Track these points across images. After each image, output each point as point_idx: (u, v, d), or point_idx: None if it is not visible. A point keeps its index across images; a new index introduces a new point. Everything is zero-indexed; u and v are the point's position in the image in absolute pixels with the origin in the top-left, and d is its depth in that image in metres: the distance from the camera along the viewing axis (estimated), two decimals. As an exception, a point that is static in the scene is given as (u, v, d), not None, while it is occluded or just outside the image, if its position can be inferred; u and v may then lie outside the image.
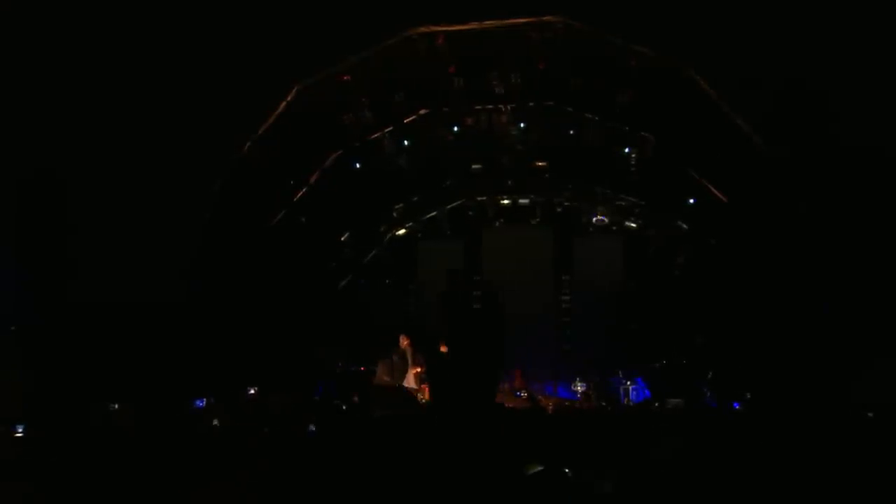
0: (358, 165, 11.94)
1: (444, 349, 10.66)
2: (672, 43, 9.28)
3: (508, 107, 11.36)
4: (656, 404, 9.15)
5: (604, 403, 10.79)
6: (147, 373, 9.03)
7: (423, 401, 9.69)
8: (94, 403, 7.41)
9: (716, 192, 10.74)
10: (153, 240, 10.20)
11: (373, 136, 11.56)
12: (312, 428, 4.61)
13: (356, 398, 9.67)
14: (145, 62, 9.68)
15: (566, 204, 13.35)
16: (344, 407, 7.91)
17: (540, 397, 11.20)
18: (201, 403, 7.24)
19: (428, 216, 13.75)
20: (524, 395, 11.23)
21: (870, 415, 6.12)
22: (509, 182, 13.12)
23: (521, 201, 13.44)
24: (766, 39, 8.83)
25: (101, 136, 9.74)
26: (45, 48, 9.29)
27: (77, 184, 9.82)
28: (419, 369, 10.72)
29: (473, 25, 9.67)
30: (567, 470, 3.91)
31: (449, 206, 13.63)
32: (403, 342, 10.92)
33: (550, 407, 10.38)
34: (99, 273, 9.94)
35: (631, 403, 11.30)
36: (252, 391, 9.02)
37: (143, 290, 10.06)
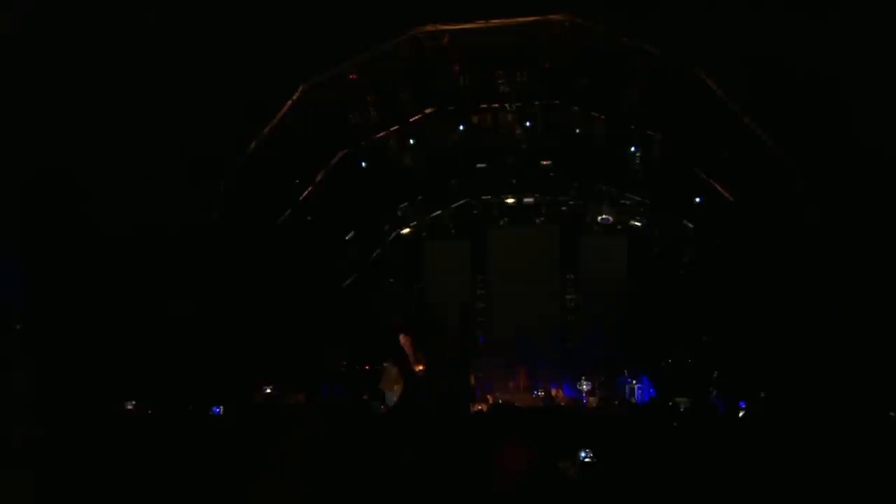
0: (363, 164, 11.95)
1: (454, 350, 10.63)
2: (679, 42, 9.25)
3: (514, 106, 11.37)
4: (669, 404, 9.15)
5: (616, 402, 10.79)
6: (152, 373, 9.04)
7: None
8: (102, 404, 7.41)
9: (722, 191, 10.72)
10: (158, 240, 10.20)
11: (378, 136, 11.57)
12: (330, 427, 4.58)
13: (364, 397, 9.66)
14: (150, 61, 9.66)
15: (571, 203, 13.35)
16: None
17: (556, 394, 11.19)
18: (218, 410, 7.24)
19: (433, 215, 13.75)
20: (541, 393, 11.24)
21: (892, 414, 6.11)
22: (514, 181, 13.12)
23: (526, 200, 13.45)
24: (774, 38, 8.81)
25: (106, 136, 9.73)
26: (48, 47, 9.29)
27: (81, 184, 9.81)
28: (420, 367, 10.70)
29: (479, 24, 9.67)
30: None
31: (454, 205, 13.63)
32: (404, 342, 10.86)
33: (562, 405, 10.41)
34: (104, 273, 9.93)
35: (635, 402, 11.30)
36: (268, 390, 9.01)
37: (148, 290, 10.06)
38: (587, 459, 4.25)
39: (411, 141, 11.87)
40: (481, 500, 2.90)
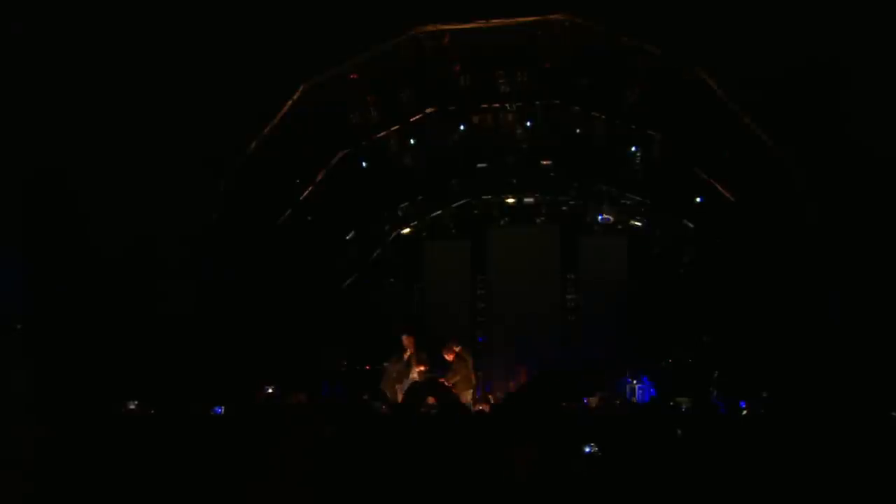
0: (364, 164, 11.95)
1: (450, 357, 10.61)
2: (680, 41, 9.27)
3: (514, 106, 11.37)
4: (671, 404, 9.15)
5: (617, 402, 10.77)
6: (153, 373, 9.04)
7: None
8: (103, 404, 7.41)
9: (723, 191, 10.73)
10: (159, 240, 10.21)
11: (379, 136, 11.57)
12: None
13: (365, 397, 9.66)
14: (151, 61, 9.68)
15: (571, 203, 13.33)
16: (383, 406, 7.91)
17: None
18: (219, 410, 7.25)
19: (433, 215, 13.73)
20: None
21: (894, 414, 6.12)
22: (514, 181, 13.11)
23: (527, 200, 13.42)
24: (775, 37, 8.82)
25: (106, 136, 9.74)
26: (50, 46, 9.29)
27: (81, 184, 9.82)
28: (423, 367, 10.69)
29: (479, 24, 9.69)
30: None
31: (454, 205, 13.61)
32: (407, 342, 10.83)
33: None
34: (105, 272, 9.94)
35: (636, 402, 11.28)
36: (270, 390, 9.01)
37: (148, 289, 10.06)
38: (592, 452, 4.28)
39: (412, 141, 11.87)
40: (484, 499, 2.91)
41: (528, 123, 11.64)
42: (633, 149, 11.44)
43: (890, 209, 8.68)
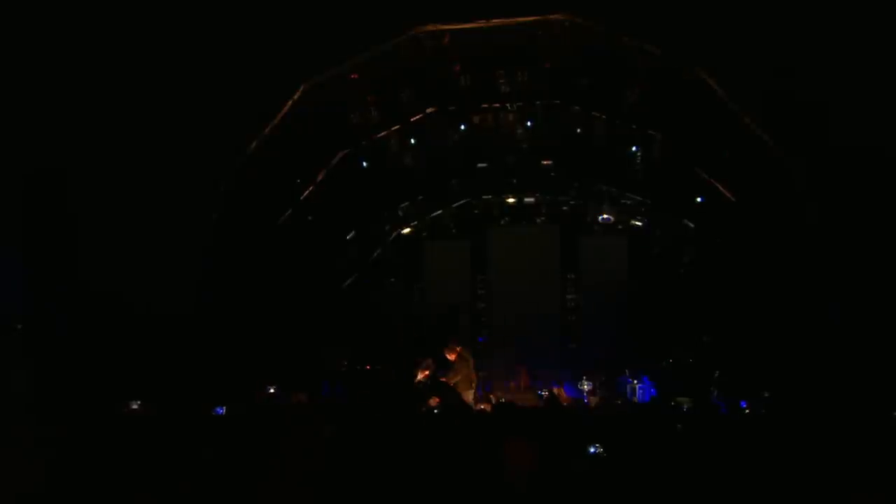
0: (364, 164, 11.96)
1: (451, 356, 10.54)
2: (680, 41, 9.27)
3: (515, 105, 11.37)
4: (671, 404, 9.15)
5: (619, 402, 10.79)
6: (153, 374, 9.04)
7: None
8: (103, 404, 7.42)
9: (723, 191, 10.73)
10: (159, 240, 10.20)
11: (379, 135, 11.57)
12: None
13: (365, 398, 9.64)
14: (151, 61, 9.67)
15: (572, 203, 13.34)
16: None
17: (558, 392, 11.12)
18: (221, 410, 7.27)
19: (433, 215, 13.74)
20: (546, 393, 11.21)
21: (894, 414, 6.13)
22: (515, 181, 13.12)
23: (527, 200, 13.44)
24: (774, 37, 8.82)
25: (105, 136, 9.74)
26: (51, 46, 9.29)
27: (81, 185, 9.82)
28: (427, 371, 10.58)
29: (480, 24, 9.69)
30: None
31: (454, 205, 13.62)
32: (429, 363, 10.20)
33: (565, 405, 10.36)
34: (105, 272, 9.93)
35: (637, 402, 11.28)
36: (271, 390, 9.03)
37: (148, 289, 10.06)
38: (596, 453, 4.29)
39: (412, 141, 11.88)
40: (487, 500, 2.91)
41: (529, 123, 11.66)
42: (634, 149, 11.44)
43: (890, 209, 8.68)
